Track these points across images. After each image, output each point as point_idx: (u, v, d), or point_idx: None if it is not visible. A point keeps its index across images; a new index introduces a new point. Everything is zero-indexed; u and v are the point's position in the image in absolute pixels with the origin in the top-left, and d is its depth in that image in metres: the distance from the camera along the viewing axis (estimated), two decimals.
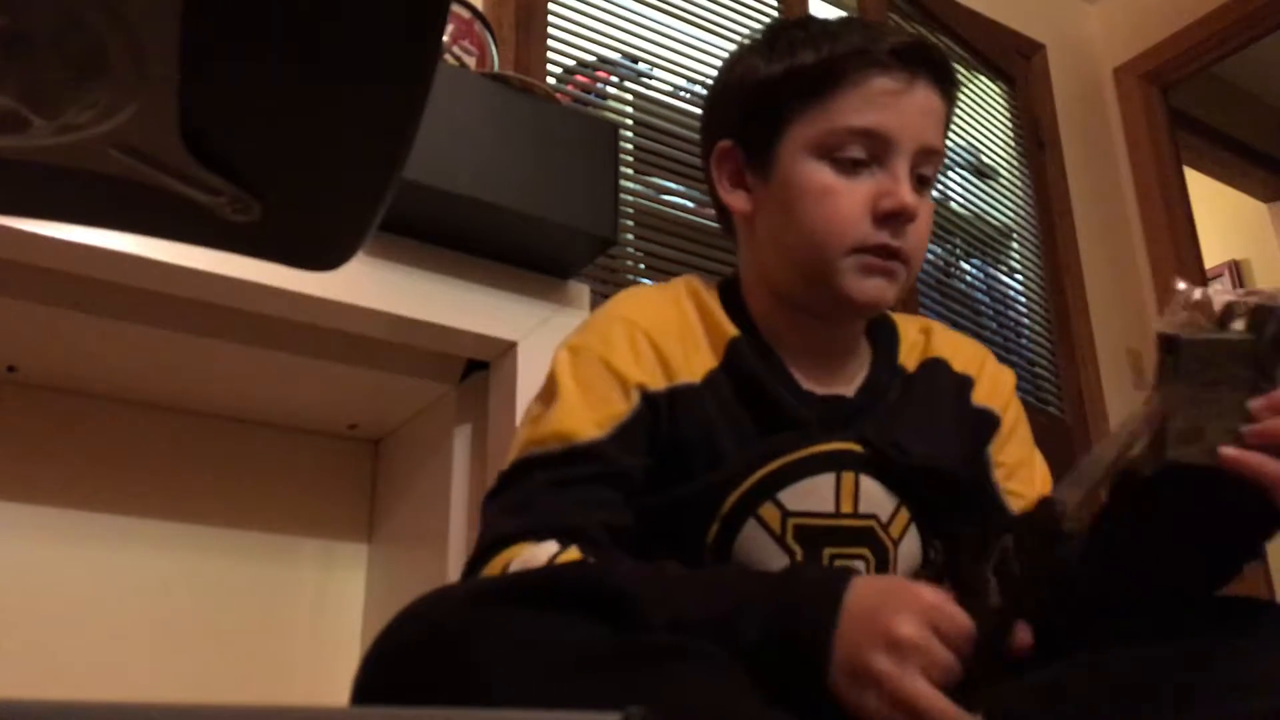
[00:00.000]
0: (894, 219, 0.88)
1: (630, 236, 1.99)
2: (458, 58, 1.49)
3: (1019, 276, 2.75)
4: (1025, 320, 2.70)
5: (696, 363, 0.91)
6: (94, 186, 0.46)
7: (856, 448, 0.90)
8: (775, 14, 2.41)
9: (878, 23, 0.94)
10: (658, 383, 0.89)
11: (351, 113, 0.44)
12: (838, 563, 0.90)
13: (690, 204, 2.09)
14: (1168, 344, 0.74)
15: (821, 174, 0.89)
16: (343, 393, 1.57)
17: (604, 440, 0.86)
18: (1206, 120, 3.50)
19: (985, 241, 2.67)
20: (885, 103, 0.88)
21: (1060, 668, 0.78)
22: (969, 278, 2.60)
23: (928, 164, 0.91)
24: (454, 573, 1.44)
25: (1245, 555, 0.80)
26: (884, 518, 0.91)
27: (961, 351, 1.01)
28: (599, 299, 1.80)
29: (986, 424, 0.98)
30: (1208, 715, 0.67)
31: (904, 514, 0.93)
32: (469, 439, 1.50)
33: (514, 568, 0.78)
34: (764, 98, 0.92)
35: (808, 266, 0.91)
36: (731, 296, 0.97)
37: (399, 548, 1.64)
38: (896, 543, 0.92)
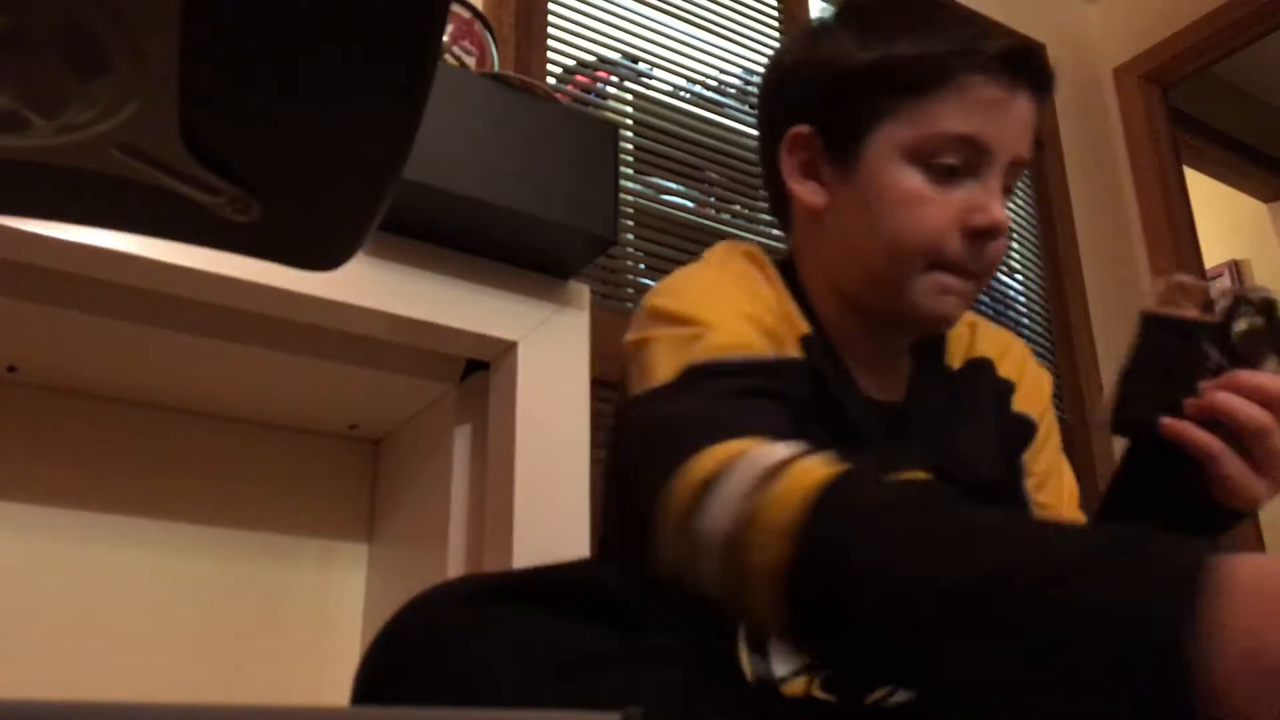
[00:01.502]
0: (983, 235, 0.83)
1: (630, 236, 1.99)
2: (458, 58, 1.49)
3: (1019, 276, 2.75)
4: (1025, 320, 2.70)
5: (791, 345, 0.86)
6: (94, 186, 0.46)
7: (926, 476, 0.85)
8: (775, 14, 2.41)
9: (976, 16, 0.89)
10: (782, 347, 0.84)
11: (352, 113, 0.44)
12: None
13: (690, 204, 2.09)
14: (1145, 318, 0.76)
15: (913, 180, 0.83)
16: (343, 393, 1.57)
17: (796, 361, 0.80)
18: (1206, 120, 3.50)
19: None
20: (987, 110, 0.83)
21: None
22: None
23: (1015, 175, 0.86)
24: (454, 572, 1.44)
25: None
26: None
27: (1006, 354, 0.98)
28: (599, 299, 1.80)
29: (1024, 431, 0.95)
30: None
31: None
32: (469, 439, 1.50)
33: (750, 460, 0.63)
34: (853, 88, 0.85)
35: (882, 274, 0.86)
36: (791, 286, 0.90)
37: (399, 548, 1.64)
38: None
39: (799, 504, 0.59)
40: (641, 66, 2.15)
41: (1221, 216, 3.97)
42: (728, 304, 0.82)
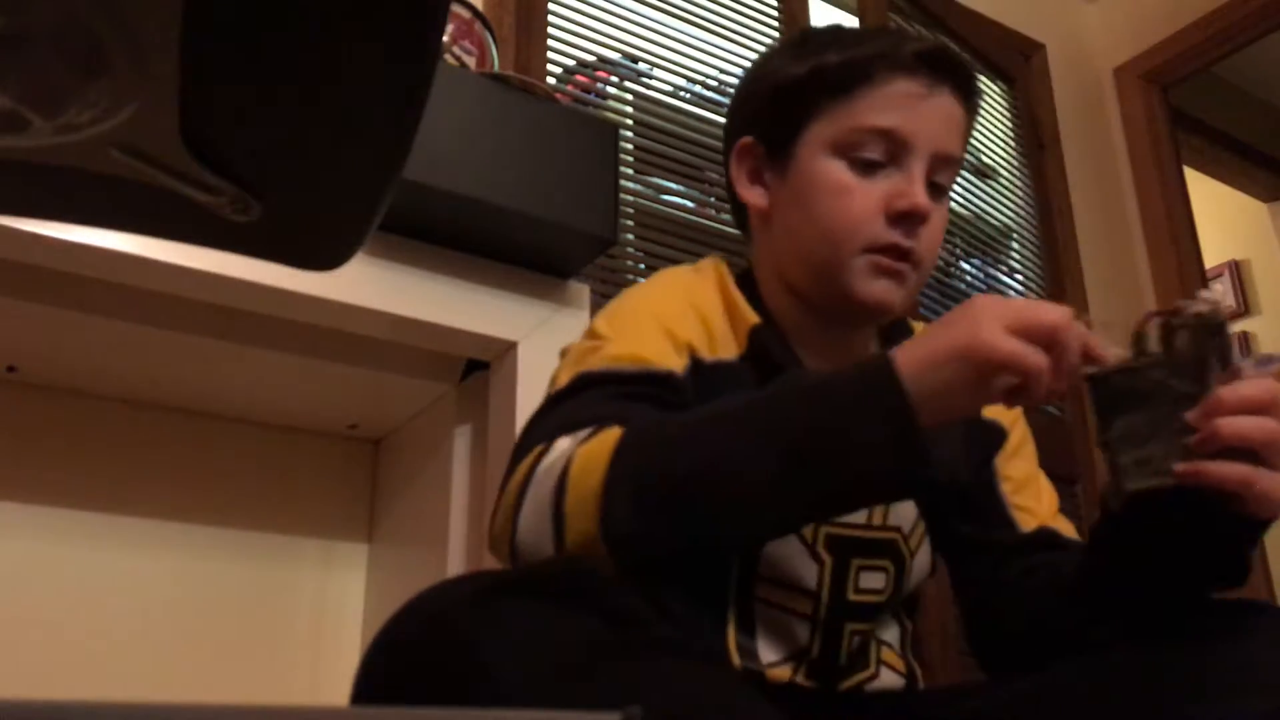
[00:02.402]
0: (907, 219, 0.88)
1: (630, 236, 1.99)
2: (458, 58, 1.49)
3: (1019, 276, 2.75)
4: None
5: (730, 346, 0.92)
6: (94, 186, 0.46)
7: None
8: (775, 14, 2.41)
9: (905, 30, 0.95)
10: (702, 351, 0.89)
11: (351, 113, 0.44)
12: (863, 573, 0.90)
13: (690, 204, 2.09)
14: (1092, 381, 0.73)
15: (838, 172, 0.90)
16: (343, 393, 1.57)
17: (681, 377, 0.85)
18: (1206, 120, 3.50)
19: (985, 241, 2.67)
20: (905, 105, 0.89)
21: (1053, 669, 0.78)
22: (969, 278, 2.60)
23: (944, 171, 0.92)
24: (454, 573, 1.44)
25: (1237, 566, 0.77)
26: (906, 529, 0.92)
27: None
28: (599, 299, 1.79)
29: (994, 436, 0.98)
30: (1205, 718, 0.67)
31: (921, 526, 0.94)
32: (469, 439, 1.50)
33: (542, 464, 0.75)
34: (787, 96, 0.93)
35: (820, 264, 0.91)
36: (748, 291, 0.97)
37: (399, 548, 1.64)
38: (913, 554, 0.93)
39: (610, 449, 0.72)
40: (641, 66, 2.15)
41: (1221, 216, 3.97)
42: (641, 318, 0.89)
